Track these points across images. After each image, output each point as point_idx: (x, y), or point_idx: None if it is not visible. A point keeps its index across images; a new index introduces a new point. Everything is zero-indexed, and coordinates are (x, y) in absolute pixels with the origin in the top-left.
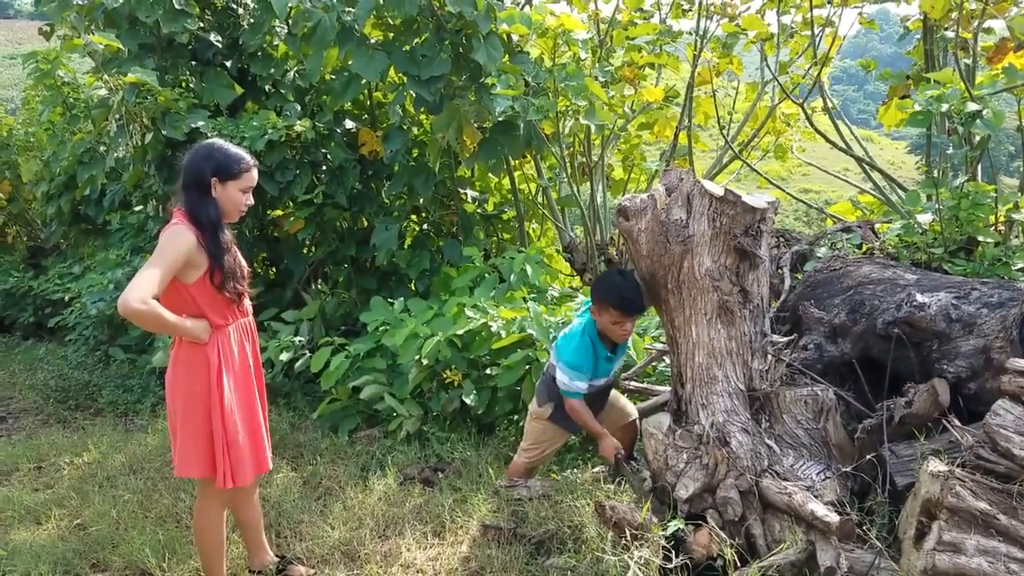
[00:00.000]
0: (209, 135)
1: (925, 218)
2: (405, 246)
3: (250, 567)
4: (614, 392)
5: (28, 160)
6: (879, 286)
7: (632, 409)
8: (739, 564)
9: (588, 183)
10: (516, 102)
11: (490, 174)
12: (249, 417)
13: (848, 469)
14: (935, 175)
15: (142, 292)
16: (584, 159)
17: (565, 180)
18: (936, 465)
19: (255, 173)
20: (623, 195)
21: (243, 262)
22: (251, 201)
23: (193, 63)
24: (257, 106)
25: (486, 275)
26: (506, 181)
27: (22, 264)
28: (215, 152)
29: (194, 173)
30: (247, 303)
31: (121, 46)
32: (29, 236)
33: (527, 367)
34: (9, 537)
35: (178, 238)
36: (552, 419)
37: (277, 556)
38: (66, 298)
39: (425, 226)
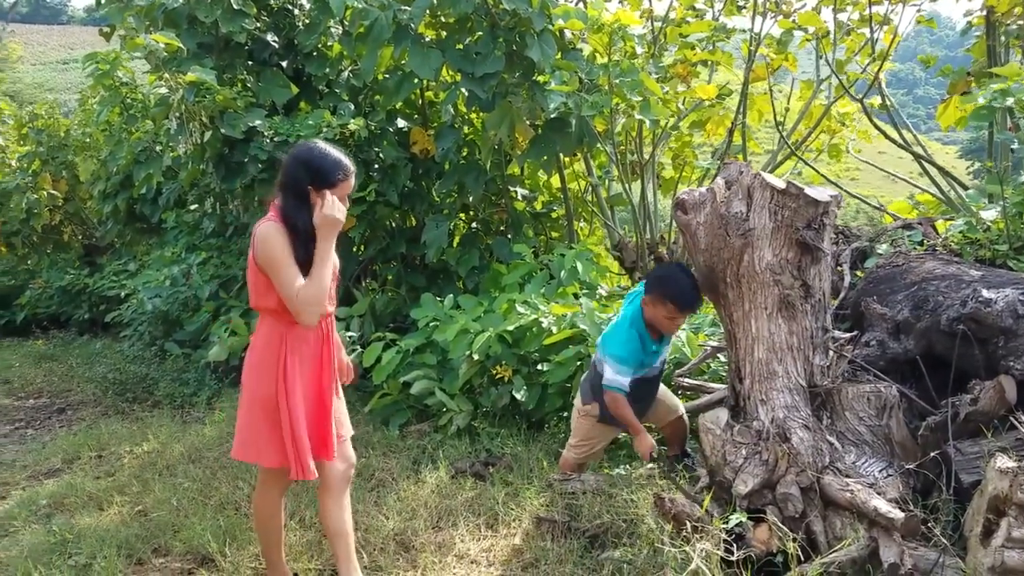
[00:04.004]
0: (266, 134)
1: (989, 215)
2: (455, 244)
3: None
4: (662, 387)
5: (85, 160)
6: (943, 282)
7: (679, 405)
8: (801, 559)
9: (638, 181)
10: (570, 98)
11: (541, 171)
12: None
13: (911, 466)
14: (998, 170)
15: (296, 287)
16: (635, 157)
17: (615, 178)
18: (1005, 461)
19: (353, 179)
20: (674, 194)
21: (337, 264)
22: (347, 204)
23: (250, 63)
24: (311, 105)
25: (536, 272)
26: (555, 179)
27: (77, 262)
28: (314, 159)
29: (293, 177)
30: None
31: (181, 45)
32: (84, 234)
33: (578, 363)
34: (74, 521)
35: (275, 238)
36: (602, 419)
37: None
38: (122, 294)
39: (475, 224)
